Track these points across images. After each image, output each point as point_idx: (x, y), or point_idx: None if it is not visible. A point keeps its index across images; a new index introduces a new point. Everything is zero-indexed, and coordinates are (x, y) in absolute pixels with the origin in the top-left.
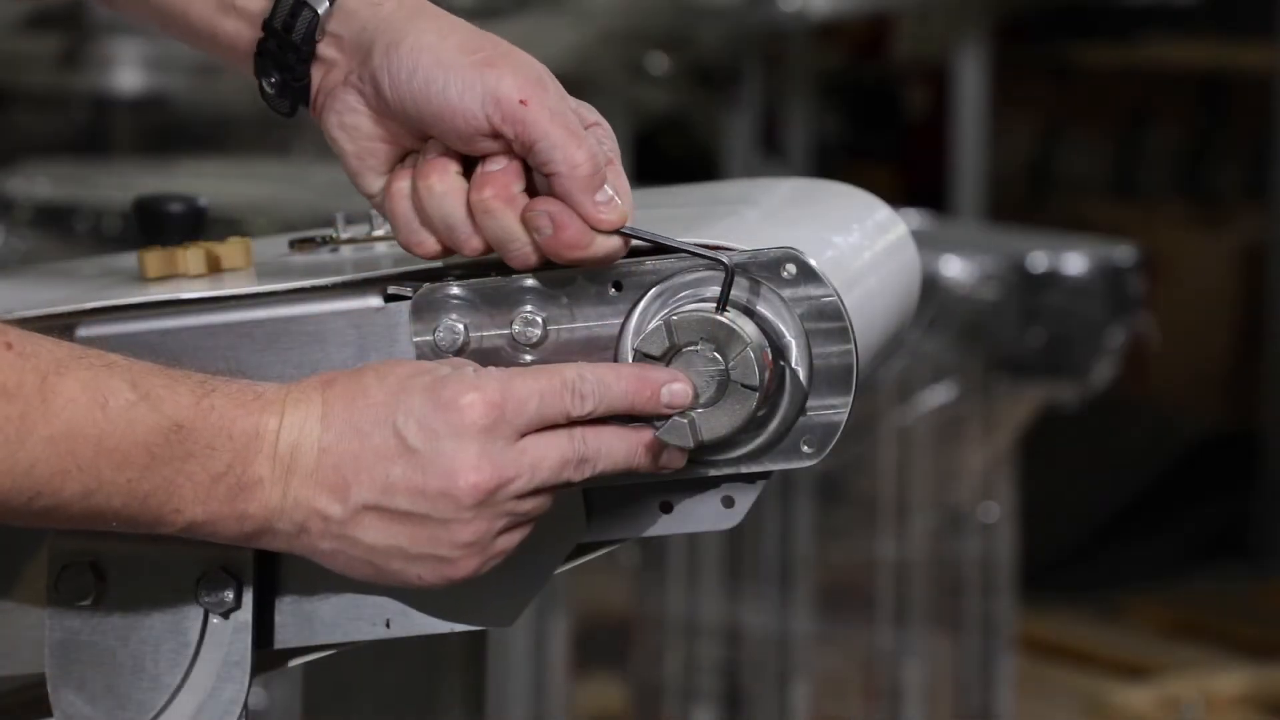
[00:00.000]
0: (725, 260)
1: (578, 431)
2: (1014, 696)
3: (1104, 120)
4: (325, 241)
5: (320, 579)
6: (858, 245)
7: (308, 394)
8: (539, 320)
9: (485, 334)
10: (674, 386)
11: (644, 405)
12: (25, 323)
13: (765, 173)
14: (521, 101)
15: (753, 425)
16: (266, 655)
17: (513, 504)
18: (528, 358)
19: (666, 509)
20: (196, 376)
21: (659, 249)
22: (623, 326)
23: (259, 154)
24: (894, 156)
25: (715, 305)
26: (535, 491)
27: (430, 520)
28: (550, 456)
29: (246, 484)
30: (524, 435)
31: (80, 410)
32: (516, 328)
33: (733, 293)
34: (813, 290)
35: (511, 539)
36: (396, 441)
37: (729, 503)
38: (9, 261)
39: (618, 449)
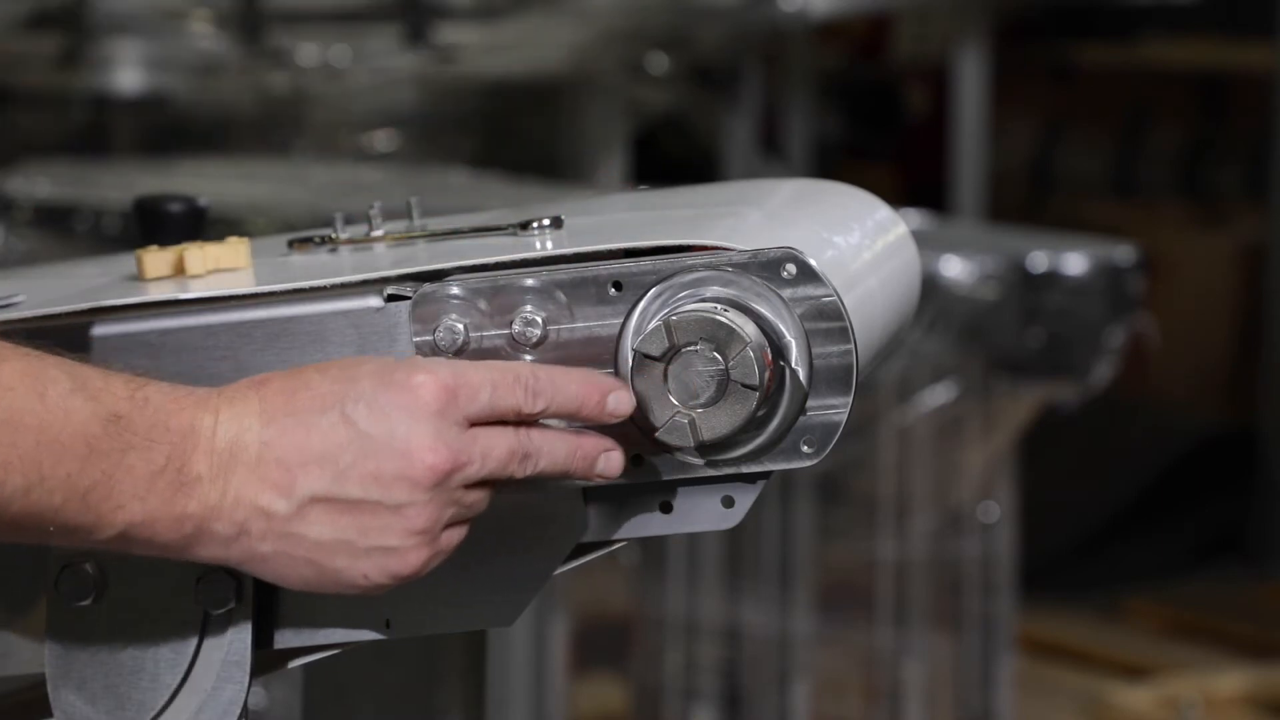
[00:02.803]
0: (725, 260)
1: (522, 427)
2: (1014, 696)
3: (1104, 120)
4: (324, 241)
5: None
6: (858, 245)
7: (242, 392)
8: (539, 320)
9: (485, 334)
10: (619, 394)
11: (591, 410)
12: (25, 323)
13: (765, 173)
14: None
15: (753, 425)
16: (266, 655)
17: (461, 493)
18: (528, 358)
19: (666, 509)
20: (126, 374)
21: (659, 249)
22: (623, 326)
23: (259, 154)
24: (894, 156)
25: (715, 305)
26: (482, 483)
27: (382, 508)
28: (499, 446)
29: (185, 481)
30: (473, 425)
31: (20, 399)
32: (516, 328)
33: (733, 293)
34: (813, 290)
35: (454, 536)
36: (346, 428)
37: (729, 503)
38: (9, 261)
39: (559, 449)
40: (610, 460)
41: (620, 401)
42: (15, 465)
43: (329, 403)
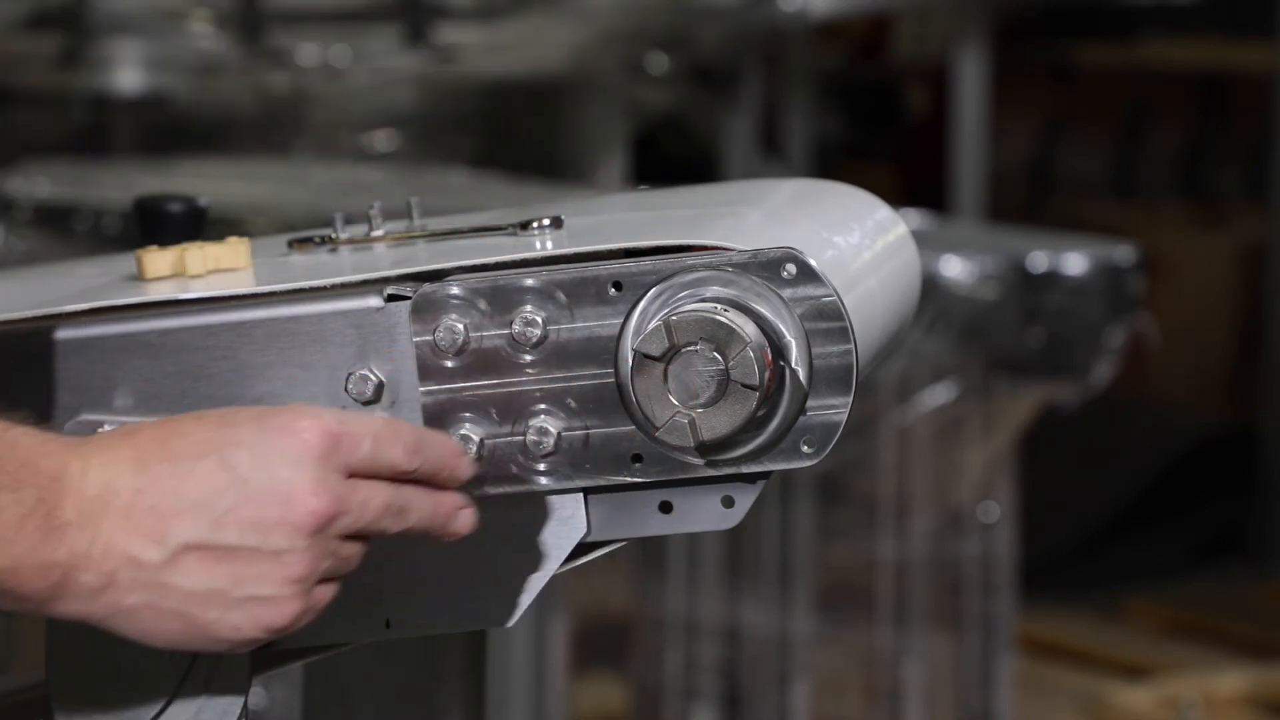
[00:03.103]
0: (725, 260)
1: (397, 487)
2: (1014, 696)
3: (1104, 120)
4: (324, 241)
5: None
6: (858, 245)
7: (113, 441)
8: (539, 320)
9: (485, 334)
10: (465, 460)
11: (447, 474)
12: (26, 323)
13: (765, 173)
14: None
15: (753, 425)
16: (266, 655)
17: (337, 544)
18: (527, 357)
19: (666, 509)
20: None
21: (659, 249)
22: (623, 326)
23: (259, 154)
24: (894, 156)
25: (715, 305)
26: (357, 535)
27: (259, 554)
28: (377, 499)
29: (54, 526)
30: (353, 475)
31: None
32: (516, 328)
33: (733, 293)
34: (813, 290)
35: (326, 593)
36: (225, 473)
37: (729, 503)
38: (9, 261)
39: (425, 506)
40: (463, 518)
41: (464, 467)
42: None
43: (206, 449)
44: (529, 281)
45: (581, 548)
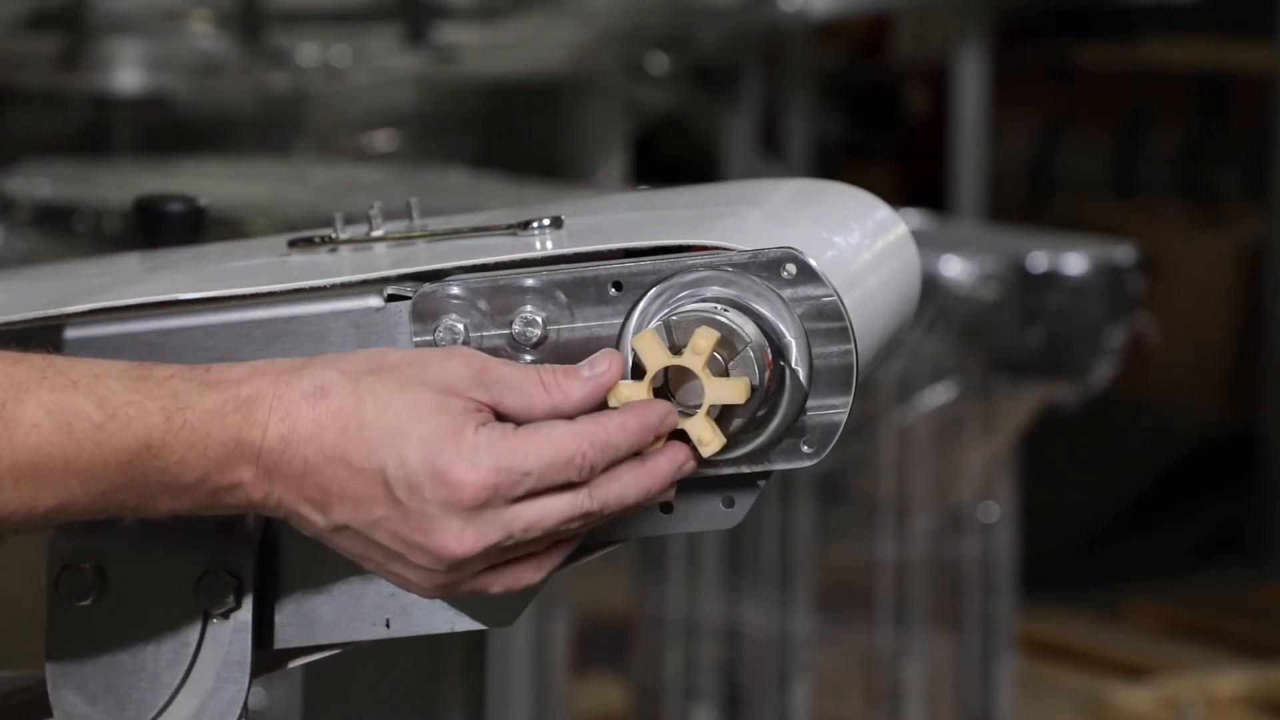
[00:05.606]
0: (725, 260)
1: (584, 490)
2: (1014, 696)
3: (1104, 120)
4: (324, 241)
5: (320, 579)
6: (858, 245)
7: (298, 409)
8: (539, 320)
9: (485, 334)
10: (669, 420)
11: (652, 437)
12: (27, 323)
13: (765, 173)
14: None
15: (753, 425)
16: (266, 655)
17: (499, 555)
18: (527, 358)
19: (666, 509)
20: (169, 388)
21: (659, 249)
22: (623, 326)
23: (259, 154)
24: (894, 156)
25: (715, 305)
26: (531, 542)
27: (406, 561)
28: (548, 519)
29: (225, 487)
30: (518, 501)
31: (45, 435)
32: (516, 328)
33: (733, 292)
34: (813, 290)
35: (503, 578)
36: (384, 489)
37: (729, 503)
38: (9, 261)
39: (629, 494)
40: (684, 471)
41: (669, 425)
42: (45, 493)
43: (375, 455)
44: (529, 281)
45: (581, 548)
